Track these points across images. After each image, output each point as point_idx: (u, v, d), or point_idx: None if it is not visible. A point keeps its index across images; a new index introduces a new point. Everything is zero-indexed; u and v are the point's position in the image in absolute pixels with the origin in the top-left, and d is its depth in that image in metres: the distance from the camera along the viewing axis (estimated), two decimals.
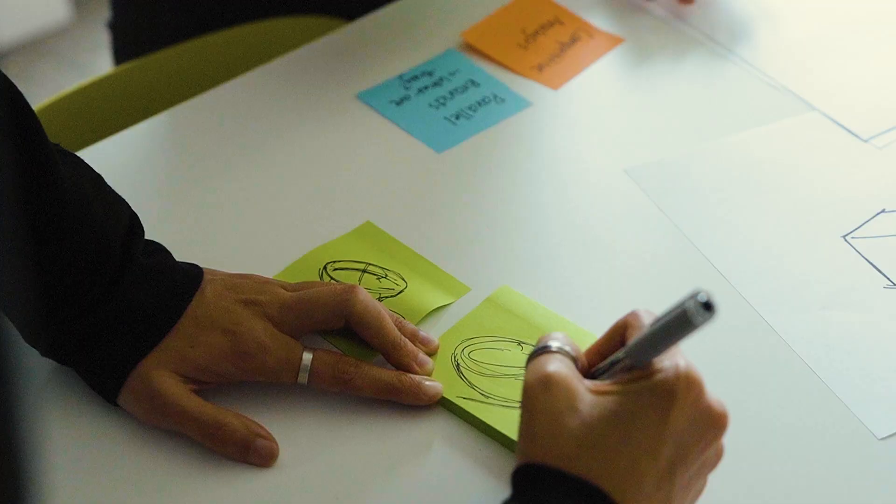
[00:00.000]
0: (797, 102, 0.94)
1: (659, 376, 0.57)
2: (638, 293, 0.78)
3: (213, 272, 0.72)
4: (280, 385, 0.69)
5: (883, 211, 0.83)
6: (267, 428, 0.67)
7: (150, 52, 1.06)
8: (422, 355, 0.70)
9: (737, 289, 0.77)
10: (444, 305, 0.76)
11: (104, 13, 1.24)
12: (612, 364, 0.60)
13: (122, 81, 1.05)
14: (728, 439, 0.59)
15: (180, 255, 0.72)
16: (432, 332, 0.73)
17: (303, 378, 0.68)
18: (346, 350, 0.71)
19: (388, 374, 0.69)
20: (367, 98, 0.94)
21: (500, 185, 0.86)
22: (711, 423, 0.58)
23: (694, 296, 0.54)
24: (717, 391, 0.57)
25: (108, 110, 1.02)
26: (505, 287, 0.77)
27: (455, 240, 0.81)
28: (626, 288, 0.78)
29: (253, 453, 0.66)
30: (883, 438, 0.68)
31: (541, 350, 0.60)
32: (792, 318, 0.75)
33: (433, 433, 0.68)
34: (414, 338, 0.71)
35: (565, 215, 0.84)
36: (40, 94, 1.83)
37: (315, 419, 0.68)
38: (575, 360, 0.61)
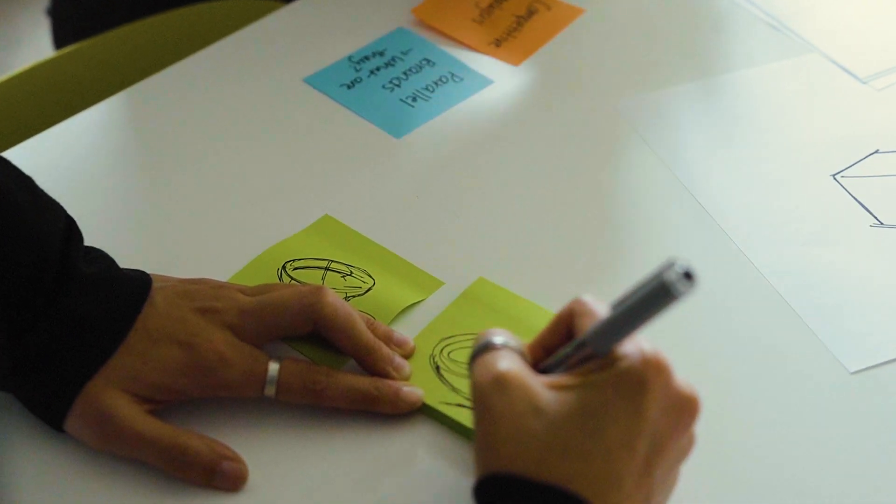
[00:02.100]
0: (798, 42, 0.93)
1: (624, 364, 0.51)
2: (625, 257, 0.74)
3: (163, 278, 0.65)
4: (245, 400, 0.63)
5: (877, 151, 0.82)
6: (233, 448, 0.61)
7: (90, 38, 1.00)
8: (398, 359, 0.64)
9: (718, 223, 0.76)
10: (417, 302, 0.70)
11: None
12: (568, 355, 0.55)
13: (49, 72, 0.97)
14: (701, 372, 0.58)
15: (123, 262, 0.65)
16: (406, 331, 0.67)
17: (270, 391, 0.62)
18: (316, 357, 0.65)
19: (363, 382, 0.63)
20: (316, 82, 0.88)
21: (466, 169, 0.81)
22: (684, 410, 0.53)
23: (671, 266, 0.48)
24: (691, 324, 0.57)
25: (34, 104, 0.95)
26: (481, 279, 0.71)
27: (423, 231, 0.76)
28: (612, 260, 0.74)
29: (219, 477, 0.60)
30: (854, 373, 0.67)
31: (483, 347, 0.55)
32: (772, 253, 0.74)
33: (415, 444, 0.63)
34: (388, 340, 0.66)
35: (539, 198, 0.78)
36: None
37: (285, 435, 0.62)
38: (521, 354, 0.56)
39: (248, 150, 0.82)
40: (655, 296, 0.49)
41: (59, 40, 1.15)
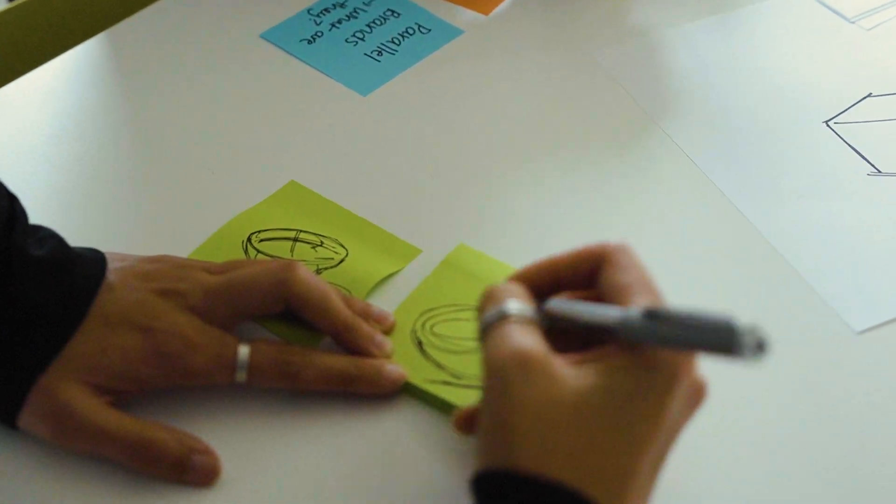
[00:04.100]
0: None
1: (656, 352, 0.47)
2: (613, 214, 0.70)
3: (119, 257, 0.61)
4: (214, 387, 0.58)
5: (870, 95, 0.78)
6: (204, 440, 0.57)
7: None
8: (379, 336, 0.60)
9: (709, 177, 0.72)
10: (394, 272, 0.66)
11: None
12: (587, 327, 0.50)
13: None
14: None
15: (74, 240, 0.60)
16: (385, 305, 0.63)
17: (241, 376, 0.58)
18: (289, 337, 0.60)
19: (341, 362, 0.58)
20: (273, 37, 0.83)
21: (439, 127, 0.76)
22: (696, 399, 0.50)
23: (752, 328, 0.43)
24: (686, 286, 0.55)
25: None
26: (462, 246, 0.67)
27: (397, 195, 0.71)
28: (599, 218, 0.70)
29: (190, 472, 0.56)
30: (861, 332, 0.63)
31: (498, 316, 0.50)
32: (767, 208, 0.70)
33: (400, 426, 0.58)
34: (366, 315, 0.61)
35: (519, 155, 0.74)
36: None
37: (260, 423, 0.58)
38: (535, 320, 0.51)
39: (204, 114, 0.77)
40: (717, 339, 0.44)
41: None
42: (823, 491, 0.56)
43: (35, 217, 0.60)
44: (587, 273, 0.52)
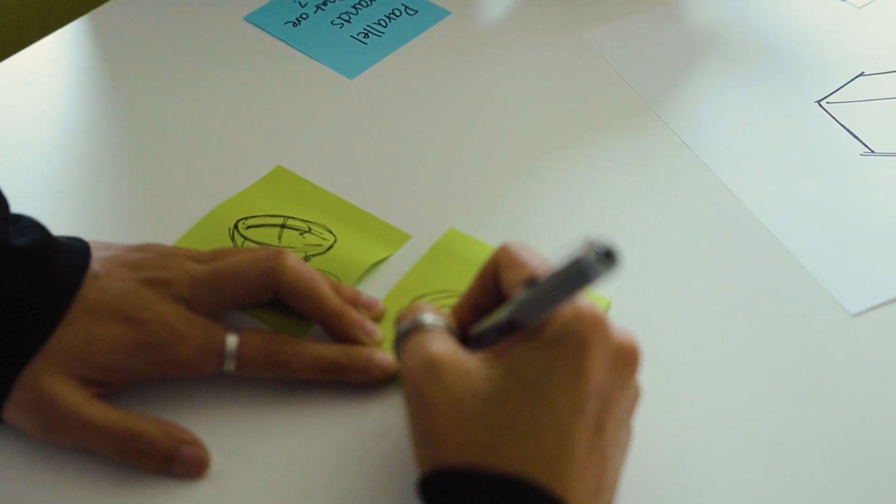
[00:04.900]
0: None
1: (558, 324, 0.47)
2: (605, 197, 0.69)
3: (104, 246, 0.60)
4: (203, 377, 0.57)
5: (862, 74, 0.77)
6: (192, 431, 0.55)
7: None
8: (368, 324, 0.59)
9: (701, 158, 0.71)
10: (383, 258, 0.65)
11: None
12: (498, 325, 0.50)
13: None
14: (693, 320, 0.56)
15: (57, 229, 0.59)
16: (374, 292, 0.62)
17: (229, 366, 0.57)
18: (277, 325, 0.60)
19: (331, 350, 0.58)
20: (257, 20, 0.81)
21: (427, 110, 0.75)
22: (627, 360, 0.49)
23: (591, 246, 0.44)
24: (682, 269, 0.55)
25: None
26: (452, 231, 0.66)
27: (385, 180, 0.70)
28: (591, 202, 0.69)
29: (178, 464, 0.55)
30: (856, 314, 0.62)
31: (410, 328, 0.51)
32: (760, 190, 0.69)
33: (390, 415, 0.57)
34: (355, 302, 0.60)
35: (508, 138, 0.72)
36: None
37: (249, 414, 0.57)
38: (451, 331, 0.52)
39: (187, 98, 0.75)
40: (572, 274, 0.45)
41: None
42: (817, 473, 0.55)
43: (16, 206, 0.59)
44: (494, 286, 0.53)
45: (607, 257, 0.44)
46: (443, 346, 0.50)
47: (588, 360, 0.47)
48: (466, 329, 0.54)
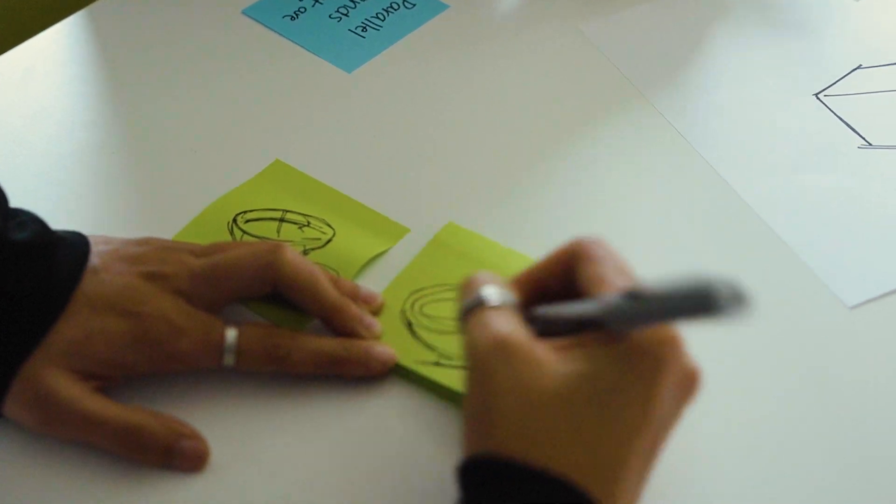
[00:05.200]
0: None
1: (642, 336, 0.46)
2: (604, 192, 0.69)
3: (103, 240, 0.60)
4: (202, 371, 0.57)
5: (859, 67, 0.77)
6: (192, 425, 0.56)
7: None
8: (368, 317, 0.59)
9: (699, 151, 0.71)
10: (382, 252, 0.65)
11: None
12: (570, 321, 0.49)
13: None
14: None
15: (56, 223, 0.59)
16: (373, 285, 0.62)
17: (229, 360, 0.57)
18: (276, 319, 0.60)
19: (330, 344, 0.58)
20: (256, 13, 0.81)
21: (426, 103, 0.75)
22: (689, 389, 0.48)
23: (722, 282, 0.42)
24: (680, 263, 0.55)
25: None
26: (451, 224, 0.66)
27: (383, 173, 0.70)
28: (590, 196, 0.69)
29: (178, 457, 0.55)
30: (854, 307, 0.62)
31: (477, 302, 0.49)
32: (758, 183, 0.69)
33: (389, 408, 0.57)
34: (354, 296, 0.60)
35: (508, 132, 0.73)
36: None
37: (248, 408, 0.57)
38: (516, 308, 0.50)
39: (186, 92, 0.75)
40: (696, 306, 0.43)
41: None
42: (816, 466, 0.55)
43: (15, 200, 0.59)
44: (565, 273, 0.51)
45: (738, 301, 0.42)
46: (512, 328, 0.48)
47: (661, 383, 0.46)
48: (528, 306, 0.51)
